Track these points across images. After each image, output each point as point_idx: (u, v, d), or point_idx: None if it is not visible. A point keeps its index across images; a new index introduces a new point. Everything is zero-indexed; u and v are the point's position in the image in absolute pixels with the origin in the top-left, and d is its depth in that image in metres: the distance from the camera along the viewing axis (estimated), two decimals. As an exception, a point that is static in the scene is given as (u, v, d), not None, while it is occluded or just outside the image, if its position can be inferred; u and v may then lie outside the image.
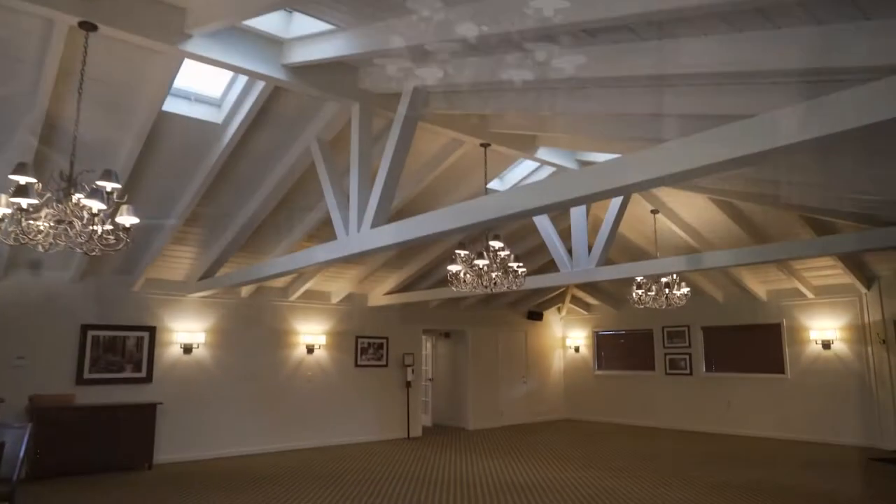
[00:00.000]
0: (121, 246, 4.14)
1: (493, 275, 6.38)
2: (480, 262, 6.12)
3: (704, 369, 11.83)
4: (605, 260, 7.39)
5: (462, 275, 6.35)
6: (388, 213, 5.12)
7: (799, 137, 2.41)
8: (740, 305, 11.42)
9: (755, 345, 11.20)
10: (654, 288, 8.80)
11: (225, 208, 7.34)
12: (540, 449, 9.79)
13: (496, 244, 6.21)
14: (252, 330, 9.61)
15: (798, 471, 7.81)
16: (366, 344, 10.92)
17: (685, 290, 8.64)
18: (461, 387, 12.71)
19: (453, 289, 6.52)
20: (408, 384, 11.23)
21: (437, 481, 7.30)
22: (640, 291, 8.69)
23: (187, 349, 8.87)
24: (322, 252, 5.76)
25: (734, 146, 2.62)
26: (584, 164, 7.68)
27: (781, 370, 10.76)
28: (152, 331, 8.62)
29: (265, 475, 7.62)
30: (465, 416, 12.50)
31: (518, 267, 6.33)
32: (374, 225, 5.05)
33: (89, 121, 5.37)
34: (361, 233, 5.18)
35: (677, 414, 12.10)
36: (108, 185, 3.90)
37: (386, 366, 11.15)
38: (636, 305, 8.94)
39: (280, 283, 9.85)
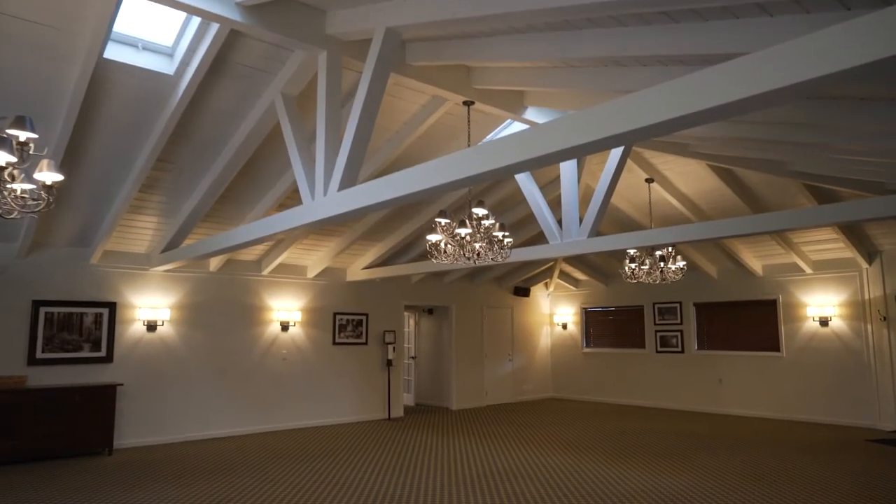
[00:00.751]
0: (42, 207, 3.59)
1: (477, 245, 5.85)
2: (462, 231, 5.58)
3: (697, 347, 11.45)
4: (597, 231, 6.88)
5: (442, 245, 5.82)
6: (357, 175, 4.57)
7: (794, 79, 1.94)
8: (735, 281, 11.00)
9: (750, 322, 10.81)
10: (647, 261, 8.33)
11: (186, 172, 6.74)
12: (526, 430, 9.38)
13: (480, 211, 5.66)
14: (222, 306, 9.05)
15: (795, 453, 7.43)
16: (344, 321, 10.40)
17: (681, 263, 8.17)
18: (445, 365, 12.26)
19: (433, 261, 6.00)
20: (389, 363, 10.75)
21: (416, 466, 6.84)
22: (632, 265, 8.21)
23: (151, 326, 8.30)
24: (286, 219, 5.20)
25: (741, 86, 2.10)
26: (575, 127, 7.13)
27: (777, 348, 10.38)
28: (112, 307, 8.03)
29: (234, 459, 7.12)
30: (448, 396, 12.07)
31: (504, 236, 5.80)
32: (343, 187, 4.51)
33: (17, 68, 4.76)
34: (328, 196, 4.63)
35: (668, 393, 11.74)
36: (21, 135, 3.31)
37: (366, 343, 10.65)
38: (628, 280, 8.47)
39: (252, 255, 9.28)
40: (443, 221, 5.78)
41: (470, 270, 11.94)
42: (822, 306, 9.86)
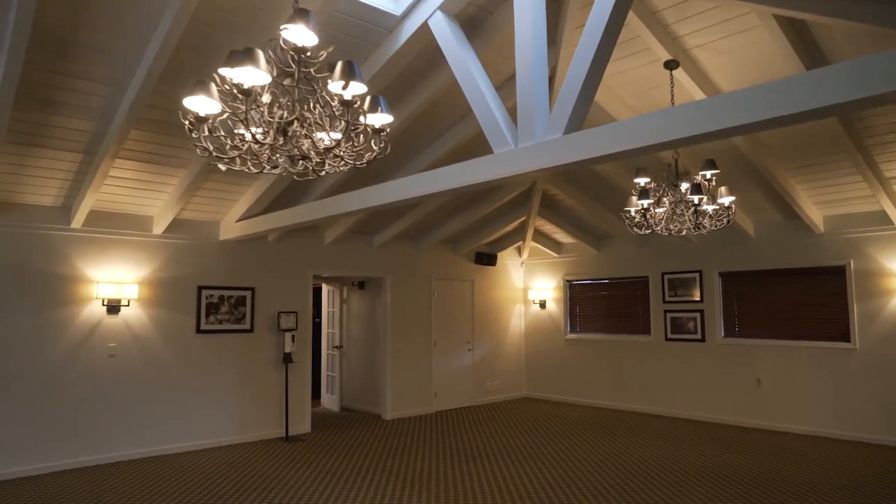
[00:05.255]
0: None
1: (315, 138, 2.55)
2: (258, 79, 2.27)
3: (723, 334, 8.24)
4: (580, 125, 3.59)
5: (219, 126, 2.52)
6: None
7: None
8: (782, 240, 7.77)
9: (804, 299, 7.59)
10: (666, 200, 5.05)
11: None
12: (487, 466, 6.18)
13: (296, 34, 2.34)
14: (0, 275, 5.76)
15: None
16: (216, 298, 7.11)
17: (727, 199, 4.90)
18: (379, 357, 9.01)
19: (220, 166, 2.71)
20: (287, 358, 7.49)
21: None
22: (644, 203, 4.91)
23: None
24: None
25: None
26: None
27: (846, 337, 7.18)
28: None
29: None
30: (382, 399, 8.84)
31: (354, 99, 2.46)
32: None
33: None
34: None
35: (683, 397, 8.56)
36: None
37: (251, 331, 7.37)
38: (635, 230, 5.20)
39: (49, 198, 5.95)
40: (229, 75, 2.47)
41: (407, 229, 8.62)
42: (918, 275, 6.66)
